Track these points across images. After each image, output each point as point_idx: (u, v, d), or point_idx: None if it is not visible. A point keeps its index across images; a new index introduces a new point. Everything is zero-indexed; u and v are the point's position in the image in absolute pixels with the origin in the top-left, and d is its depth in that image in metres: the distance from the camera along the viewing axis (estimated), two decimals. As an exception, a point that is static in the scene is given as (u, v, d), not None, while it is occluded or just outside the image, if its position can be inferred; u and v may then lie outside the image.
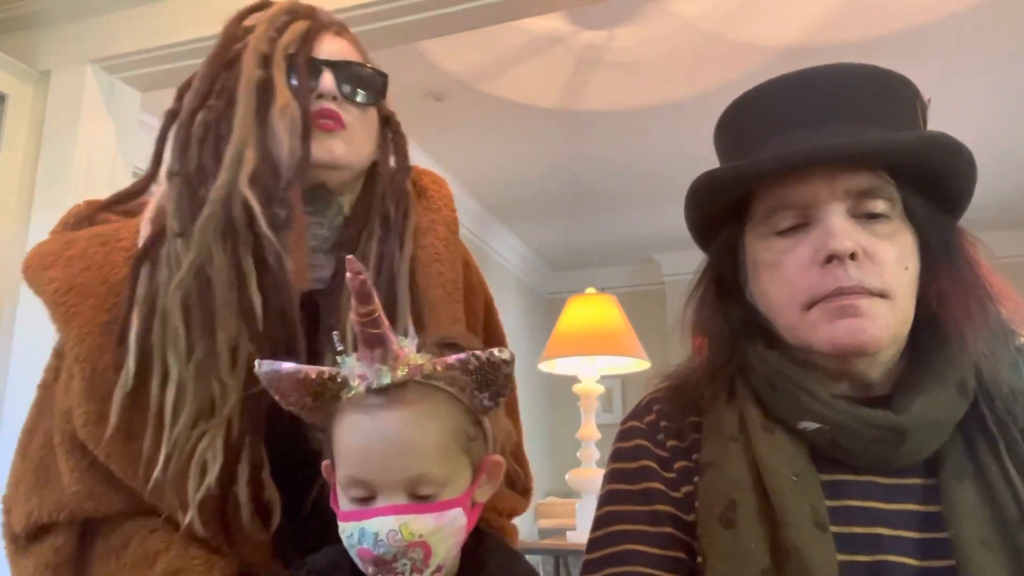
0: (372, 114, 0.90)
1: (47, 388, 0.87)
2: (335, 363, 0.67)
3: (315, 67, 0.84)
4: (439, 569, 0.65)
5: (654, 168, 3.93)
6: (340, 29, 0.91)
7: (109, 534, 0.81)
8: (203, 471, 0.77)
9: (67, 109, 2.15)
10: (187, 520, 0.77)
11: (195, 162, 0.80)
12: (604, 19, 2.68)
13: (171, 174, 0.82)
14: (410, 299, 0.88)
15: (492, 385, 0.65)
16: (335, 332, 0.74)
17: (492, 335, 1.06)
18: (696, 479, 0.73)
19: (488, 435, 0.70)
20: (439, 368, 0.65)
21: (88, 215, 0.92)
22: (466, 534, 0.68)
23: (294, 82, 0.82)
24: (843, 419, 0.68)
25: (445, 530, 0.64)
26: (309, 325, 0.83)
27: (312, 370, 0.66)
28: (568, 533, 2.88)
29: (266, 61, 0.82)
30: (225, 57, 0.85)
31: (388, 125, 0.94)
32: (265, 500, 0.81)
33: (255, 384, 0.71)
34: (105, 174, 2.18)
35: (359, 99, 0.87)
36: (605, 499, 0.79)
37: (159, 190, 0.87)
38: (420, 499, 0.64)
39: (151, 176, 0.88)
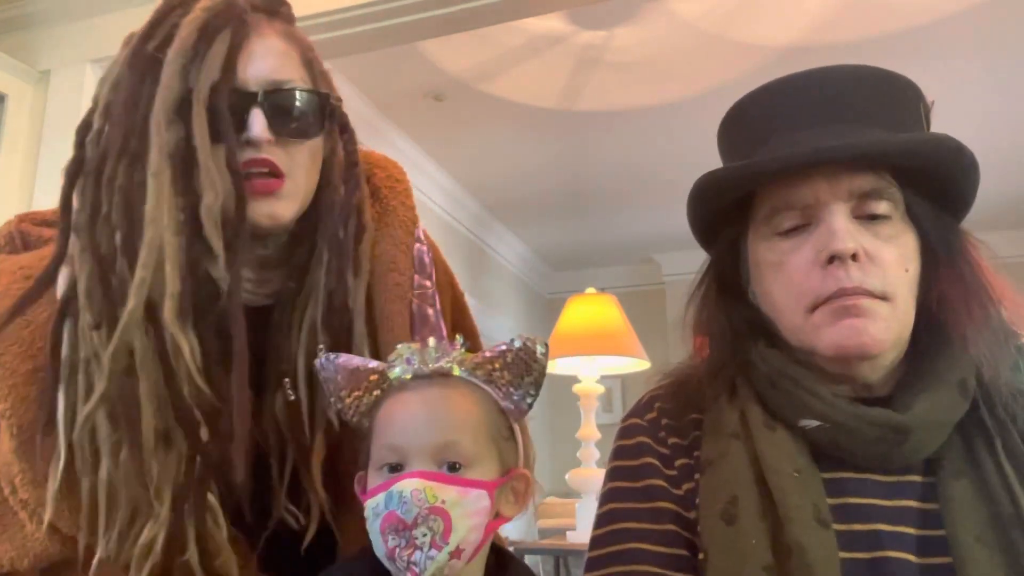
0: (314, 139, 0.77)
1: None
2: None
3: (242, 102, 0.70)
4: (458, 553, 0.64)
5: (654, 168, 3.94)
6: (269, 7, 0.76)
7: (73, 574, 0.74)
8: (145, 557, 0.70)
9: (67, 109, 2.15)
10: None
11: (105, 242, 0.68)
12: (604, 19, 2.68)
13: (80, 249, 0.69)
14: (366, 329, 0.80)
15: (529, 375, 0.68)
16: (287, 380, 0.73)
17: (464, 334, 0.98)
18: (697, 476, 0.74)
19: (519, 445, 0.71)
20: (480, 361, 0.69)
21: (21, 233, 0.81)
22: (489, 529, 0.67)
23: (218, 128, 0.68)
24: (844, 418, 0.69)
25: (467, 506, 0.64)
26: (254, 341, 0.74)
27: (365, 361, 0.70)
28: (568, 533, 2.88)
29: (181, 108, 0.68)
30: (132, 91, 0.70)
31: (332, 118, 0.79)
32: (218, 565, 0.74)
33: (196, 448, 0.68)
34: (105, 174, 2.18)
35: (298, 135, 0.74)
36: (607, 497, 0.79)
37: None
38: (450, 469, 0.66)
39: (64, 236, 0.72)
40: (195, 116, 0.67)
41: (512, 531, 5.06)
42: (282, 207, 0.73)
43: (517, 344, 0.68)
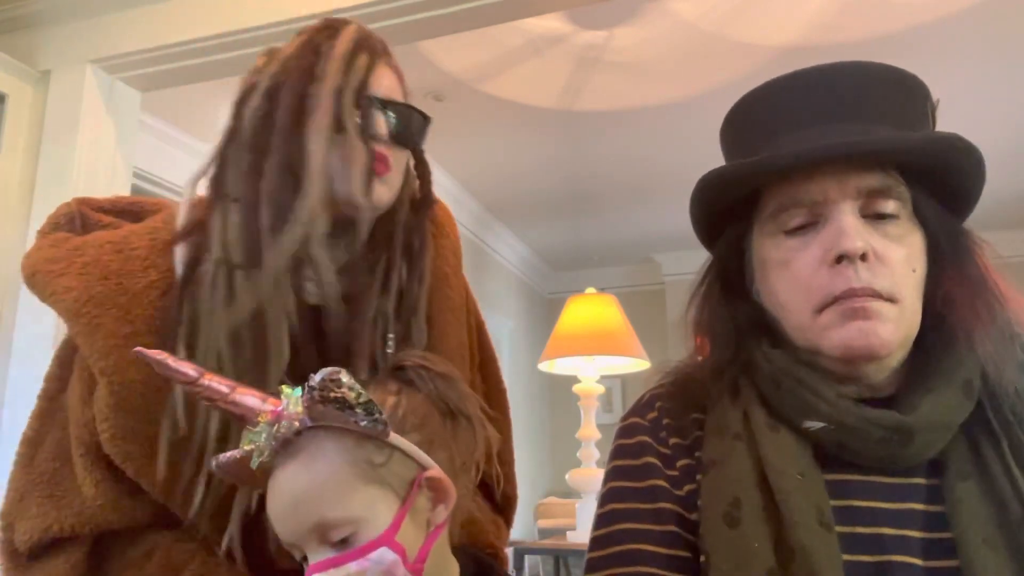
0: (409, 152, 0.91)
1: (52, 399, 0.84)
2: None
3: (373, 106, 0.83)
4: None
5: (654, 168, 3.94)
6: (389, 58, 0.90)
7: (129, 546, 0.79)
8: (246, 499, 0.76)
9: (67, 109, 2.15)
10: (224, 546, 0.76)
11: (270, 185, 0.79)
12: (604, 19, 2.68)
13: (231, 198, 0.80)
14: (426, 331, 0.90)
15: (354, 406, 0.60)
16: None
17: (484, 356, 1.07)
18: (699, 477, 0.73)
19: (411, 453, 0.64)
20: (306, 408, 0.61)
21: (81, 214, 0.89)
22: (418, 565, 0.63)
23: (359, 121, 0.82)
24: (849, 419, 0.68)
25: (371, 572, 0.60)
26: (316, 341, 0.83)
27: (238, 453, 0.64)
28: (568, 533, 2.88)
29: (339, 97, 0.81)
30: (293, 76, 0.82)
31: (414, 153, 0.93)
32: None
33: None
34: (105, 174, 2.18)
35: (404, 142, 0.87)
36: (608, 496, 0.78)
37: (173, 201, 0.86)
38: (340, 545, 0.61)
39: (213, 199, 0.83)
40: (345, 106, 0.80)
41: (512, 531, 5.05)
42: (385, 193, 0.85)
43: (315, 384, 0.60)
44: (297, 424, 0.61)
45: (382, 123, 0.83)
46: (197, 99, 2.57)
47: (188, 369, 0.62)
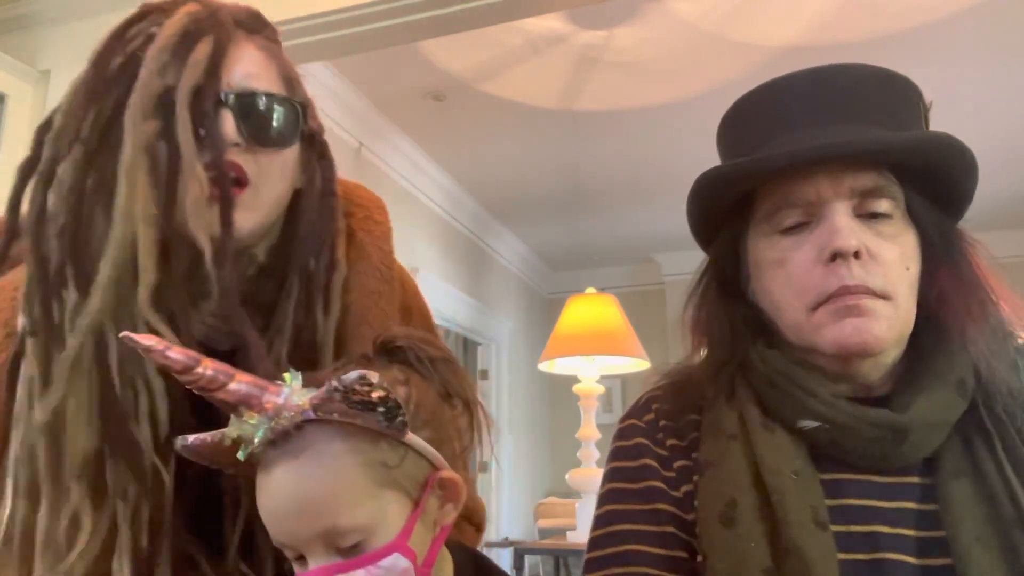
0: (286, 151, 0.73)
1: None
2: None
3: (218, 106, 0.68)
4: None
5: (654, 168, 3.94)
6: (252, 26, 0.74)
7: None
8: None
9: (67, 109, 2.15)
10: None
11: (54, 245, 0.64)
12: (604, 19, 2.68)
13: (28, 275, 0.66)
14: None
15: (376, 408, 0.55)
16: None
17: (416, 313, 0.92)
18: (695, 478, 0.73)
19: (425, 452, 0.60)
20: (316, 403, 0.55)
21: None
22: (426, 568, 0.60)
23: (201, 131, 0.66)
24: (843, 418, 0.69)
25: None
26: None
27: (220, 433, 0.58)
28: (568, 533, 2.88)
29: (160, 105, 0.65)
30: (102, 85, 0.67)
31: (312, 146, 0.77)
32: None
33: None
34: (105, 174, 2.18)
35: (269, 143, 0.71)
36: (606, 498, 0.79)
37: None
38: (349, 551, 0.56)
39: (5, 247, 0.68)
40: (178, 113, 0.64)
41: (512, 531, 5.06)
42: (243, 217, 0.68)
43: (346, 382, 0.54)
44: (299, 417, 0.56)
45: (229, 125, 0.67)
46: (197, 99, 2.55)
47: (180, 356, 0.55)
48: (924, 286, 0.72)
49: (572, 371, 2.94)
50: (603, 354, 2.85)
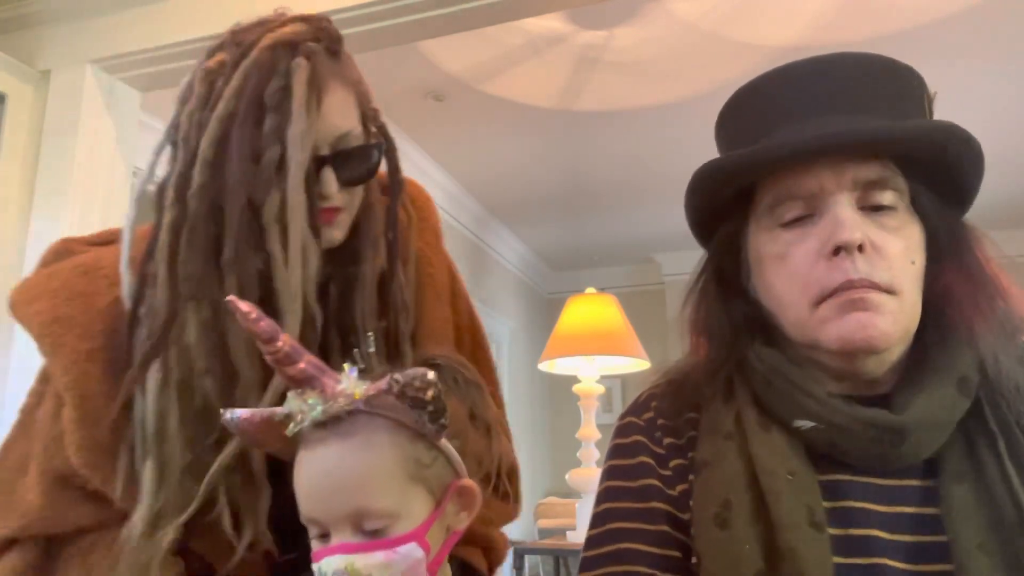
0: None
1: (28, 413, 0.87)
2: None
3: (316, 163, 0.81)
4: None
5: (654, 168, 3.94)
6: (338, 69, 0.87)
7: (77, 541, 0.82)
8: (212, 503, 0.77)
9: (67, 109, 2.15)
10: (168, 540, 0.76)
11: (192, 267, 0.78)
12: (604, 19, 2.68)
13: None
14: (412, 312, 0.91)
15: (426, 407, 0.61)
16: (356, 350, 0.73)
17: (476, 341, 1.07)
18: (691, 478, 0.72)
19: (452, 459, 0.66)
20: (371, 395, 0.61)
21: (66, 250, 0.92)
22: (434, 566, 0.64)
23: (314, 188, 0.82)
24: (839, 418, 0.67)
25: (397, 566, 0.61)
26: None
27: (270, 411, 0.64)
28: (568, 533, 2.88)
29: (280, 168, 0.79)
30: (243, 111, 0.80)
31: (385, 139, 0.91)
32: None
33: None
34: (105, 174, 2.18)
35: (359, 182, 0.87)
36: (603, 496, 0.78)
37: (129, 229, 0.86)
38: (371, 534, 0.61)
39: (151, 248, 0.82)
40: (291, 179, 0.78)
41: (512, 531, 5.05)
42: (339, 232, 0.86)
43: (401, 379, 0.61)
44: (351, 405, 0.61)
45: (330, 182, 0.82)
46: (197, 99, 2.55)
47: (267, 327, 0.63)
48: (930, 280, 0.70)
49: (572, 371, 2.94)
50: (603, 354, 2.85)
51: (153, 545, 0.75)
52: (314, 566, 0.62)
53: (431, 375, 0.60)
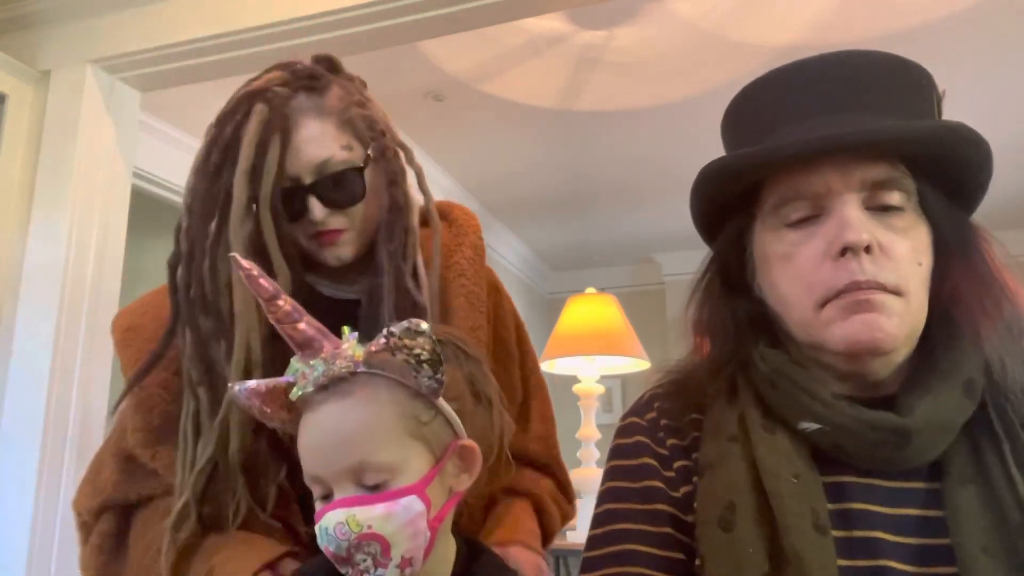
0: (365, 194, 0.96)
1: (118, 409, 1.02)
2: None
3: (299, 194, 0.91)
4: (406, 563, 0.63)
5: (654, 168, 3.93)
6: (310, 89, 0.94)
7: (145, 509, 0.97)
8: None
9: (67, 109, 2.15)
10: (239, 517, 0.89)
11: (202, 319, 0.91)
12: (604, 19, 2.68)
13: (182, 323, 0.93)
14: (439, 307, 0.98)
15: (419, 357, 0.63)
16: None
17: (524, 351, 1.16)
18: (695, 479, 0.72)
19: (452, 420, 0.68)
20: (370, 354, 0.64)
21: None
22: (435, 523, 0.66)
23: (280, 222, 0.91)
24: (844, 420, 0.66)
25: (398, 518, 0.62)
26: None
27: (276, 380, 0.67)
28: (568, 533, 2.88)
29: (250, 210, 0.90)
30: (206, 196, 0.91)
31: (378, 161, 0.97)
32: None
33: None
34: (105, 174, 2.18)
35: (349, 203, 0.93)
36: (605, 496, 0.77)
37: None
38: (372, 489, 0.63)
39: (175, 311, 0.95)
40: (262, 216, 0.89)
41: (512, 531, 5.03)
42: (345, 250, 0.95)
43: (396, 330, 0.63)
44: (352, 367, 0.64)
45: (316, 209, 0.91)
46: (197, 99, 2.56)
47: (268, 285, 0.66)
48: (937, 282, 0.69)
49: (572, 371, 2.94)
50: (603, 354, 2.85)
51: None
52: (316, 527, 0.64)
53: (424, 325, 0.62)
